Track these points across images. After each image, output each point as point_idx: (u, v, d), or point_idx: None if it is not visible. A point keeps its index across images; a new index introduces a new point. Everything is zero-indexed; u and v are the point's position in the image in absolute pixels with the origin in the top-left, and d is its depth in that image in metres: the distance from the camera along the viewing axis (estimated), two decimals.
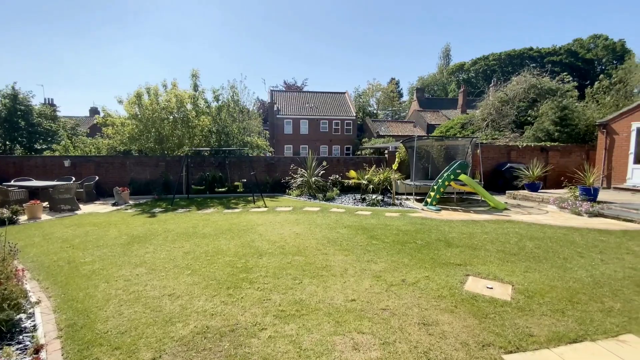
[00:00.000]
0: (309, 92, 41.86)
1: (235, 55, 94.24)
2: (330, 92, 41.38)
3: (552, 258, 5.06)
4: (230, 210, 9.38)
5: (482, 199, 10.35)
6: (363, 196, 11.03)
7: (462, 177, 9.78)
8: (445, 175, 9.80)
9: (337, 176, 12.95)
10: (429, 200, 9.75)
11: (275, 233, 6.58)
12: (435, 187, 9.79)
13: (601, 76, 20.39)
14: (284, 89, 46.72)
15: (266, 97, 42.42)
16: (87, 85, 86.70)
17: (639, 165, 12.08)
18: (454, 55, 71.58)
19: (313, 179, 12.01)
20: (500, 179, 13.49)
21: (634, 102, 12.93)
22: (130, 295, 3.79)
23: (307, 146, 34.91)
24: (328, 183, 12.51)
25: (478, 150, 12.57)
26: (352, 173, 11.68)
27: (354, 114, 37.50)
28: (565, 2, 71.21)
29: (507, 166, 13.52)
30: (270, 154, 21.29)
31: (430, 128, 33.97)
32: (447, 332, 2.96)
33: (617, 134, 12.77)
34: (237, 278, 4.26)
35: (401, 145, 13.57)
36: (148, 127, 13.66)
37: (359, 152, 27.67)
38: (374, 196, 10.74)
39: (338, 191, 12.10)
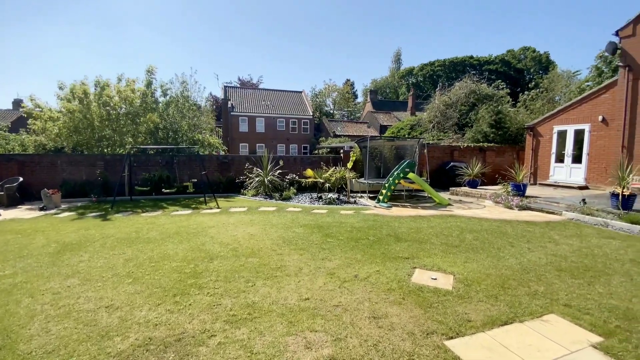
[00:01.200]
0: (265, 89, 41.15)
1: (187, 47, 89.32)
2: (287, 91, 41.11)
3: (488, 248, 5.56)
4: (179, 212, 8.87)
5: (429, 195, 11.05)
6: (320, 195, 11.14)
7: (411, 175, 10.34)
8: (395, 173, 10.28)
9: (294, 175, 12.92)
10: (381, 197, 10.15)
11: (228, 235, 6.36)
12: (386, 185, 10.22)
13: (532, 84, 22.94)
14: (238, 86, 45.36)
15: (219, 93, 40.88)
16: (10, 76, 76.02)
17: (559, 163, 13.81)
18: (404, 60, 75.48)
19: (269, 178, 11.83)
20: (444, 177, 14.51)
21: (556, 108, 14.74)
22: (60, 310, 3.39)
23: (263, 145, 34.30)
24: (285, 182, 12.42)
25: (425, 150, 13.38)
26: (309, 172, 11.74)
27: (311, 114, 37.70)
28: (500, 16, 78.97)
29: (450, 165, 14.59)
30: (223, 152, 20.53)
31: (383, 129, 35.42)
32: (395, 323, 3.11)
33: (542, 136, 14.45)
34: (185, 284, 4.03)
35: (356, 145, 13.96)
36: (86, 122, 12.37)
37: (316, 152, 27.89)
38: (330, 195, 10.90)
39: (295, 190, 12.07)
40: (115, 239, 6.17)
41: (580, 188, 12.31)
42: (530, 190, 11.41)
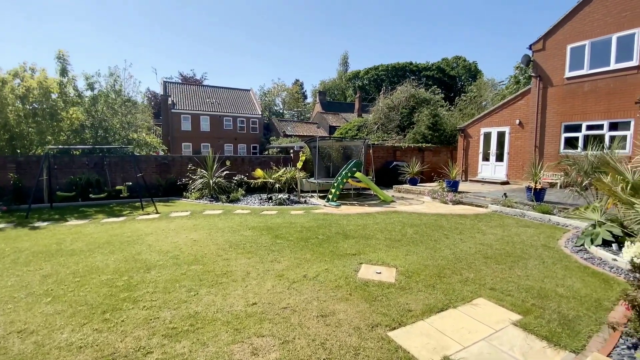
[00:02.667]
0: (210, 86, 39.24)
1: (119, 35, 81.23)
2: (234, 89, 39.72)
3: (426, 241, 5.99)
4: (110, 220, 8.02)
5: (374, 193, 11.56)
6: (270, 195, 10.96)
7: (358, 174, 10.71)
8: (343, 173, 10.56)
9: (243, 176, 12.53)
10: (330, 196, 10.34)
11: (168, 242, 5.92)
12: (335, 184, 10.45)
13: (467, 89, 25.32)
14: (180, 81, 42.58)
15: (159, 89, 37.96)
16: None
17: (486, 162, 15.45)
18: (351, 63, 78.01)
19: (215, 179, 11.30)
20: (388, 175, 15.31)
21: (482, 112, 16.45)
22: None
23: (209, 144, 32.70)
24: (232, 184, 11.98)
25: (370, 151, 13.95)
26: (259, 172, 11.48)
27: (260, 113, 36.94)
28: (436, 26, 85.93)
29: (393, 164, 15.45)
30: (163, 152, 19.12)
31: (332, 129, 36.16)
32: (342, 320, 3.17)
33: (471, 137, 16.04)
34: (116, 299, 3.65)
35: (306, 145, 14.02)
36: None
37: (266, 151, 27.43)
38: (280, 195, 10.78)
39: (243, 192, 11.72)
40: (30, 252, 5.35)
41: (503, 183, 13.93)
42: (462, 186, 12.59)
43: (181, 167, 12.56)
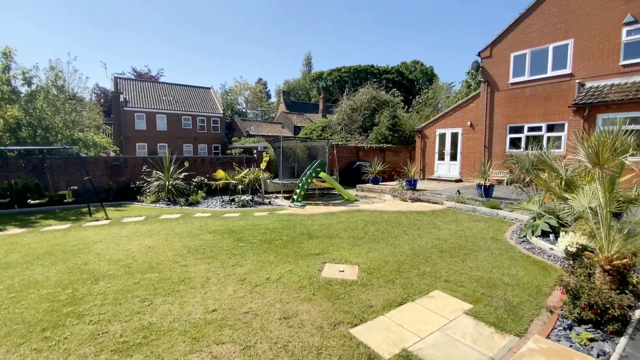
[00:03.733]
0: (167, 83, 37.21)
1: (59, 26, 74.16)
2: (194, 86, 38.03)
3: (387, 238, 6.20)
4: (52, 228, 7.30)
5: (339, 193, 11.72)
6: (232, 197, 10.66)
7: (322, 174, 10.80)
8: (308, 173, 10.59)
9: (203, 178, 12.05)
10: (295, 197, 10.31)
11: (120, 250, 5.53)
12: (300, 184, 10.43)
13: (422, 92, 26.58)
14: (133, 78, 39.92)
15: (109, 85, 35.25)
16: None
17: (441, 161, 16.35)
18: (315, 64, 78.42)
19: (172, 182, 10.75)
20: (352, 175, 15.63)
21: (438, 114, 17.38)
22: None
23: (166, 145, 30.98)
24: (192, 186, 11.47)
25: (334, 151, 14.15)
26: (220, 173, 11.09)
27: (222, 112, 35.75)
28: (394, 30, 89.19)
29: (356, 164, 15.80)
30: (114, 153, 17.81)
31: (297, 129, 36.07)
32: (305, 320, 3.18)
33: (428, 138, 16.89)
34: (59, 314, 3.33)
35: (269, 145, 13.84)
36: None
37: (228, 152, 26.66)
38: (243, 197, 10.52)
39: (204, 194, 11.27)
40: None
41: (457, 181, 14.84)
42: (420, 185, 13.21)
43: (135, 169, 11.77)
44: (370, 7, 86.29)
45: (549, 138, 11.87)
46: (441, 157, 16.34)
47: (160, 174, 10.94)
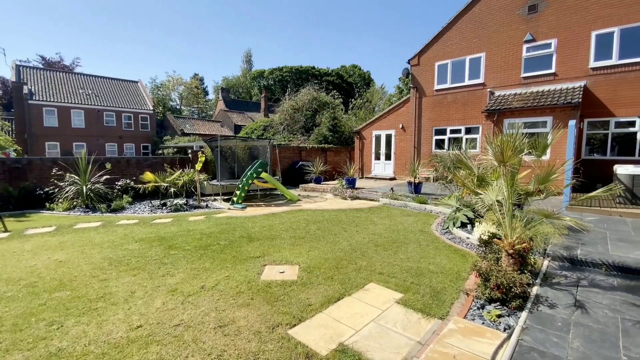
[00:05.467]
0: (85, 75, 32.82)
1: None
2: (118, 79, 34.17)
3: (328, 236, 6.35)
4: None
5: (281, 193, 11.65)
6: (163, 201, 9.84)
7: (264, 174, 10.61)
8: (248, 173, 10.30)
9: (129, 180, 10.92)
10: (235, 199, 9.95)
11: (22, 267, 4.71)
12: (240, 185, 10.10)
13: (357, 96, 27.77)
14: (41, 67, 34.35)
15: (9, 75, 29.84)
16: None
17: (377, 160, 17.31)
18: (255, 62, 76.53)
19: (91, 186, 9.52)
20: (294, 175, 15.67)
21: (373, 117, 18.34)
22: None
23: (84, 144, 27.38)
24: (115, 190, 10.32)
25: (276, 151, 14.03)
26: (150, 176, 10.16)
27: (152, 108, 32.75)
28: (334, 33, 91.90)
29: (299, 164, 15.89)
30: (16, 154, 15.16)
31: (237, 128, 34.89)
32: (242, 327, 3.08)
33: (365, 139, 17.74)
34: None
35: (206, 144, 13.12)
36: None
37: (160, 152, 24.54)
38: (177, 200, 9.79)
39: (130, 199, 10.21)
40: None
41: (391, 179, 15.87)
42: (359, 183, 13.82)
43: (42, 172, 10.14)
44: (308, 6, 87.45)
45: (467, 139, 13.39)
46: (377, 157, 17.31)
47: (76, 177, 9.60)
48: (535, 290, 3.87)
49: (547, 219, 4.22)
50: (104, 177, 10.09)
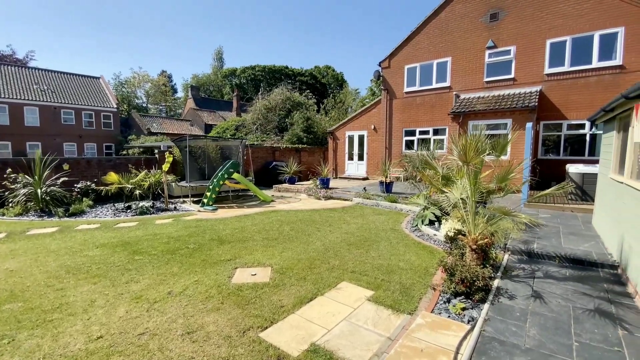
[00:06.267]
0: (40, 69, 30.42)
1: None
2: (78, 75, 31.95)
3: (301, 236, 6.34)
4: None
5: (254, 194, 11.47)
6: (128, 204, 9.35)
7: (235, 175, 10.39)
8: (219, 174, 10.04)
9: (90, 182, 10.27)
10: (205, 200, 9.66)
11: None
12: (210, 187, 9.82)
13: (330, 97, 27.96)
14: None
15: None
16: None
17: (351, 161, 17.54)
18: (227, 60, 74.75)
19: (46, 188, 8.85)
20: (268, 175, 15.49)
21: (347, 118, 18.56)
22: None
23: (39, 143, 25.42)
24: (75, 192, 9.67)
25: (249, 151, 13.79)
26: (113, 177, 9.61)
27: (115, 106, 30.96)
28: (308, 34, 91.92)
29: (273, 164, 15.73)
30: None
31: (208, 128, 33.90)
32: (211, 332, 3.00)
33: (339, 139, 17.91)
34: None
35: (174, 144, 12.63)
36: None
37: (124, 152, 23.30)
38: (142, 203, 9.34)
39: (91, 202, 9.61)
40: None
41: (364, 179, 16.15)
42: (332, 183, 13.92)
43: None
44: (280, 5, 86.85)
45: (435, 140, 13.91)
46: (350, 157, 17.54)
47: (29, 179, 8.89)
48: (496, 283, 4.10)
49: (505, 216, 4.48)
50: (62, 179, 9.42)
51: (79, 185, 9.92)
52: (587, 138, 11.14)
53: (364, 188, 11.32)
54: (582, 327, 3.11)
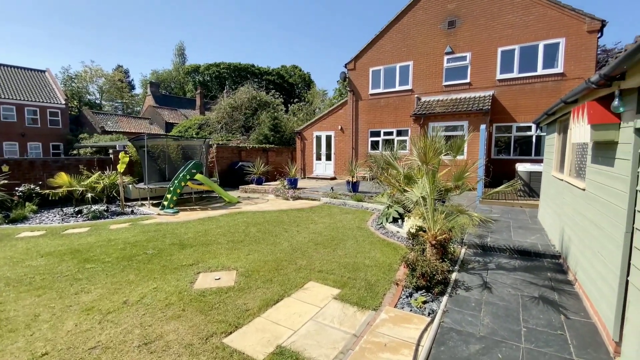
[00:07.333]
0: None
1: None
2: (19, 67, 28.99)
3: (268, 237, 6.26)
4: None
5: (219, 195, 11.14)
6: (78, 208, 8.65)
7: (198, 176, 10.01)
8: (181, 175, 9.62)
9: (34, 185, 9.35)
10: (165, 203, 9.20)
11: None
12: (171, 188, 9.37)
13: (303, 96, 27.89)
14: None
15: None
16: None
17: (319, 161, 17.62)
18: (190, 56, 71.75)
19: None
20: (234, 176, 15.11)
21: (314, 118, 18.62)
22: None
23: None
24: (16, 197, 8.76)
25: (213, 151, 13.35)
26: (63, 178, 8.80)
27: (64, 102, 28.49)
28: (275, 35, 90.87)
29: (239, 164, 15.37)
30: None
31: (169, 126, 32.35)
32: (171, 341, 2.86)
33: (307, 139, 17.92)
34: None
35: (131, 144, 11.88)
36: None
37: (75, 152, 21.52)
38: (96, 207, 8.70)
39: (35, 207, 8.76)
40: None
41: (332, 179, 16.31)
42: (301, 183, 13.90)
43: None
44: (246, 1, 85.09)
45: (398, 141, 14.40)
46: (318, 158, 17.62)
47: None
48: (454, 276, 4.34)
49: (460, 214, 4.76)
50: (1, 182, 8.49)
51: (21, 189, 9.00)
52: (534, 139, 12.13)
53: (332, 188, 11.43)
54: (530, 313, 3.37)
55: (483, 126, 9.36)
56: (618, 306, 2.64)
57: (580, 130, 3.50)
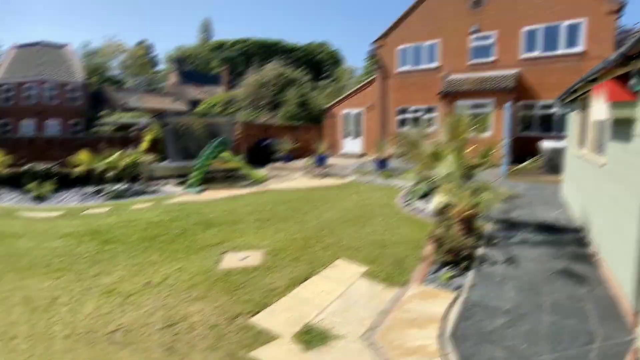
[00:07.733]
0: None
1: None
2: (37, 43, 27.91)
3: (296, 216, 6.09)
4: None
5: (246, 174, 11.07)
6: (99, 188, 8.69)
7: (225, 154, 9.97)
8: (207, 153, 9.59)
9: (54, 164, 9.41)
10: (191, 181, 9.22)
11: None
12: (197, 167, 9.39)
13: (332, 74, 26.99)
14: None
15: None
16: None
17: (347, 138, 17.15)
18: (217, 31, 70.13)
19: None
20: (262, 154, 15.00)
21: (342, 95, 17.95)
22: None
23: None
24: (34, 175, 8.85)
25: (241, 128, 13.23)
26: (83, 157, 8.82)
27: (83, 78, 27.55)
28: (303, 11, 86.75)
29: (266, 142, 15.23)
30: None
31: (195, 103, 32.39)
32: (196, 322, 2.79)
33: (335, 117, 17.40)
34: None
35: (155, 121, 11.95)
36: None
37: (95, 130, 21.32)
38: (117, 186, 8.66)
39: (55, 185, 8.71)
40: None
41: (361, 156, 15.83)
42: (329, 161, 13.61)
43: None
44: None
45: (427, 118, 13.68)
46: (347, 135, 17.17)
47: None
48: (480, 251, 4.12)
49: (486, 190, 4.61)
50: (22, 160, 8.61)
51: (41, 167, 9.00)
52: (555, 117, 11.50)
53: (360, 165, 11.07)
54: (553, 287, 3.25)
55: (508, 104, 8.90)
56: (636, 278, 2.56)
57: (600, 108, 3.46)
